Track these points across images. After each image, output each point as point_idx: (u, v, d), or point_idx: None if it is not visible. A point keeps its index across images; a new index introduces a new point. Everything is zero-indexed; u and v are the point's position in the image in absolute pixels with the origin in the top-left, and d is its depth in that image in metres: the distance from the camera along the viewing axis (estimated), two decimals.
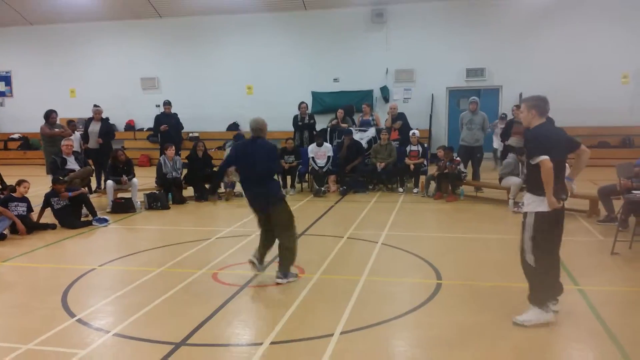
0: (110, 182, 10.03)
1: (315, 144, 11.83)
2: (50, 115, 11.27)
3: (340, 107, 13.60)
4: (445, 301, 5.12)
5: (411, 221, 8.90)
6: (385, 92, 17.94)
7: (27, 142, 20.03)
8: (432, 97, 17.65)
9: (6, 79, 21.06)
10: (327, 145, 11.86)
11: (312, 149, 11.78)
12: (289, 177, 11.86)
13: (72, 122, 12.84)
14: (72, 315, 4.92)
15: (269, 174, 5.81)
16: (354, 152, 11.77)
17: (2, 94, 21.13)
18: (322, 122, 14.37)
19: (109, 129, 12.28)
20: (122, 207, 9.82)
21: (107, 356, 4.21)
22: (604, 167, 10.23)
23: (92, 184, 11.14)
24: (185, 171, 11.20)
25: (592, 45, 16.42)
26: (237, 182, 11.21)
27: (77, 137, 11.85)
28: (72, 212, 8.80)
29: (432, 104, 17.61)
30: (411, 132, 11.87)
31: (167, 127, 13.09)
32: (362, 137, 12.45)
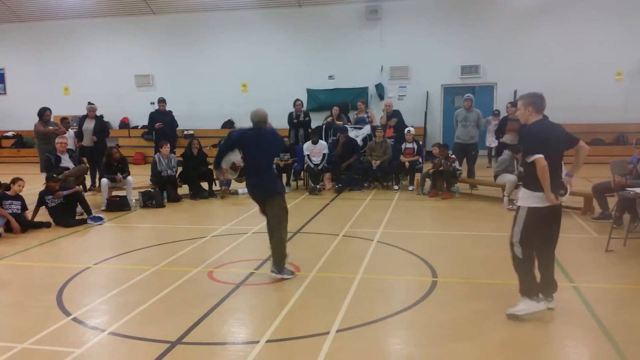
0: (104, 180, 9.99)
1: (310, 141, 11.82)
2: (44, 112, 11.22)
3: (335, 104, 13.51)
4: (440, 299, 5.14)
5: (406, 219, 8.91)
6: (380, 90, 17.94)
7: (21, 140, 19.94)
8: (427, 95, 17.68)
9: None
10: (322, 142, 11.85)
11: (308, 146, 11.78)
12: (284, 175, 11.84)
13: (65, 120, 12.81)
14: (68, 314, 4.90)
15: (272, 163, 5.90)
16: (349, 150, 11.76)
17: None
18: (317, 120, 14.34)
19: (103, 127, 12.23)
20: (117, 205, 9.79)
21: (102, 355, 4.20)
22: (598, 165, 10.25)
23: (87, 182, 11.08)
24: (180, 169, 11.17)
25: (587, 42, 16.49)
26: (232, 180, 11.24)
27: (71, 135, 11.82)
28: (67, 211, 8.77)
29: (427, 102, 17.64)
30: (406, 130, 11.88)
31: (162, 125, 13.06)
32: (357, 135, 12.43)
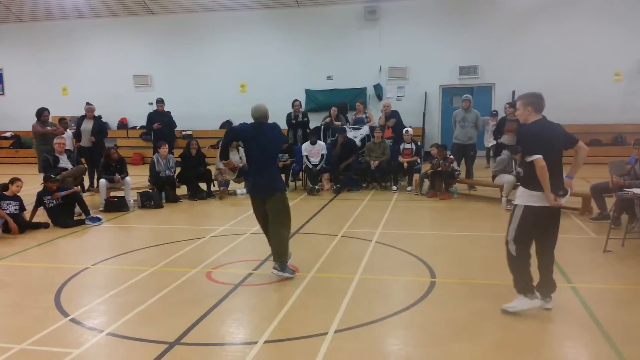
0: (103, 181, 9.99)
1: (309, 142, 11.81)
2: (42, 113, 11.21)
3: (333, 105, 13.52)
4: (438, 299, 5.14)
5: (405, 219, 8.92)
6: (378, 90, 17.96)
7: (19, 141, 19.91)
8: (425, 95, 17.69)
9: None
10: (320, 143, 11.85)
11: (306, 147, 11.77)
12: (283, 176, 11.82)
13: (63, 120, 12.80)
14: (66, 314, 4.90)
15: (275, 159, 5.92)
16: (347, 150, 11.76)
17: None
18: (316, 120, 14.35)
19: (101, 127, 12.21)
20: (115, 205, 9.78)
21: (100, 356, 4.20)
22: (597, 165, 10.27)
23: (85, 182, 11.07)
24: (178, 169, 11.16)
25: (585, 43, 16.52)
26: (230, 181, 11.26)
27: (69, 135, 11.81)
28: (65, 211, 8.75)
29: (425, 102, 17.65)
30: (404, 130, 11.88)
31: (160, 125, 13.05)
32: (356, 135, 12.44)
